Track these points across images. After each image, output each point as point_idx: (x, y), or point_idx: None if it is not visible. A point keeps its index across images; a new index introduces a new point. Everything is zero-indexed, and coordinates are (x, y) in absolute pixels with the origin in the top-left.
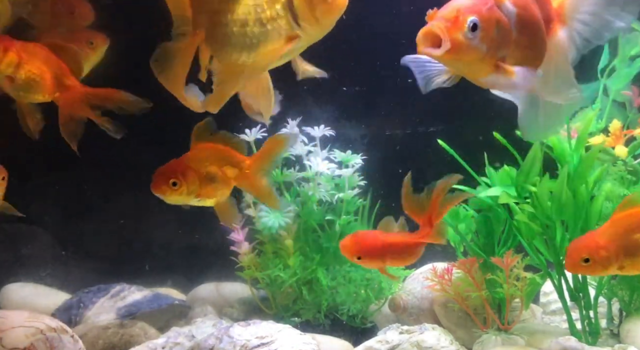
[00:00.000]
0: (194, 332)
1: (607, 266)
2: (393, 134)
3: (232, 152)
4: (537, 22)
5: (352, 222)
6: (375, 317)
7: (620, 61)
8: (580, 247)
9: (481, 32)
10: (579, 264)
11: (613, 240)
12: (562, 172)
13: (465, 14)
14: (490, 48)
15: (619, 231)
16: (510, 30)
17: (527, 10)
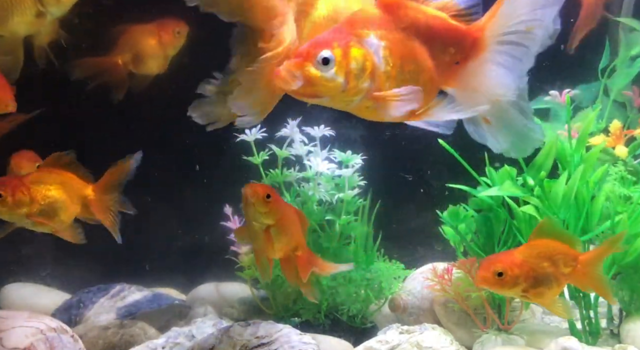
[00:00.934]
0: (194, 332)
1: (515, 285)
2: (393, 134)
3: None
4: (414, 53)
5: (352, 222)
6: (375, 317)
7: (621, 61)
8: (497, 261)
9: (335, 66)
10: (492, 277)
11: (526, 262)
12: (575, 173)
13: (317, 48)
14: (351, 81)
15: (532, 255)
16: (375, 63)
17: (400, 43)
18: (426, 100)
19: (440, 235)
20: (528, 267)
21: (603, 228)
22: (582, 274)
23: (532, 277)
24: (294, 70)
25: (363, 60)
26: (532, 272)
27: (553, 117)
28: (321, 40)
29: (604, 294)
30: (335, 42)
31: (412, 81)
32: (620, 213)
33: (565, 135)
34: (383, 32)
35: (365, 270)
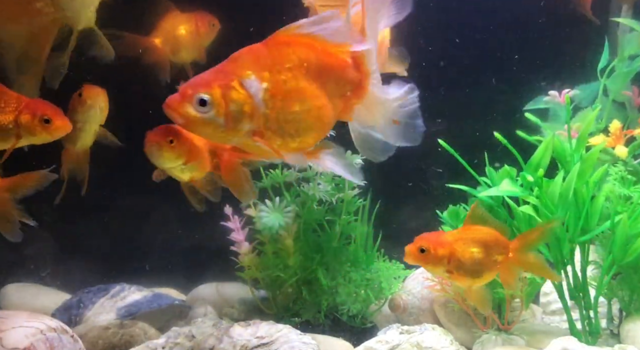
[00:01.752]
0: (194, 332)
1: (438, 264)
2: None
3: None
4: (301, 93)
5: (352, 222)
6: (375, 317)
7: (620, 61)
8: (425, 238)
9: (214, 107)
10: (416, 252)
11: (454, 244)
12: (572, 172)
13: (195, 89)
14: (229, 122)
15: (463, 239)
16: (255, 106)
17: (284, 84)
18: (319, 137)
19: None
20: (454, 249)
21: (603, 228)
22: (516, 260)
23: (457, 260)
24: (174, 110)
25: (242, 102)
26: (458, 255)
27: (552, 117)
28: (200, 80)
29: (545, 274)
30: (215, 83)
31: (296, 122)
32: (620, 213)
33: (565, 135)
34: (266, 74)
35: (365, 270)
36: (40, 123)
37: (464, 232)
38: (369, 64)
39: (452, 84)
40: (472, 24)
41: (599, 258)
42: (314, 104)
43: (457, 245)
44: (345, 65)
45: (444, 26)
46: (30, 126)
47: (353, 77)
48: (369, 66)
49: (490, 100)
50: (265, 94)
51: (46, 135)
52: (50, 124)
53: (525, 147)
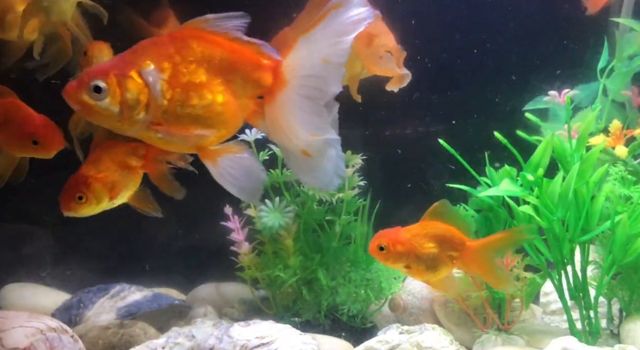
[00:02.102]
0: (194, 332)
1: (397, 260)
2: (393, 134)
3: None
4: (203, 87)
5: (352, 222)
6: (375, 317)
7: (619, 61)
8: (384, 235)
9: (109, 95)
10: (376, 250)
11: (411, 240)
12: (572, 172)
13: (92, 76)
14: (125, 111)
15: (420, 235)
16: (152, 95)
17: (184, 77)
18: (221, 135)
19: None
20: (411, 246)
21: (603, 228)
22: (469, 259)
23: (415, 255)
24: (70, 96)
25: (138, 92)
26: (415, 251)
27: (552, 118)
28: (98, 68)
29: (492, 283)
30: (112, 72)
31: (195, 116)
32: (620, 213)
33: (565, 135)
34: (167, 65)
35: (365, 270)
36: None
37: (421, 227)
38: (290, 73)
39: (452, 84)
40: (471, 23)
41: (599, 258)
42: (215, 99)
43: (415, 241)
44: (255, 67)
45: (444, 26)
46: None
47: (264, 81)
48: (290, 76)
49: (490, 100)
50: (163, 85)
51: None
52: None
53: (526, 147)
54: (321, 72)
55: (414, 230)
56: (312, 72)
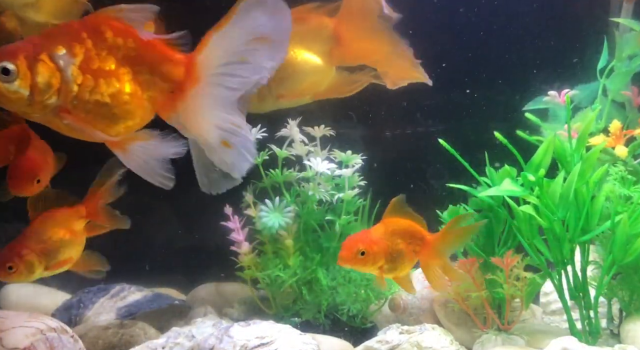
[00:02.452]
0: (194, 332)
1: (375, 262)
2: (393, 134)
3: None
4: (114, 77)
5: (352, 222)
6: (375, 317)
7: (619, 61)
8: (359, 240)
9: (19, 77)
10: (355, 256)
11: (383, 240)
12: (573, 172)
13: (0, 58)
14: (35, 94)
15: (388, 232)
16: (64, 79)
17: (96, 64)
18: (128, 126)
19: None
20: (385, 245)
21: (603, 228)
22: (428, 252)
23: (389, 254)
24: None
25: (50, 75)
26: (389, 249)
27: (552, 118)
28: (7, 49)
29: (448, 274)
30: (22, 54)
31: (103, 104)
32: (620, 213)
33: (565, 135)
34: (79, 50)
35: None
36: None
37: (385, 225)
38: (203, 70)
39: (452, 84)
40: (470, 23)
41: (599, 258)
42: (122, 88)
43: (386, 240)
44: (165, 60)
45: (443, 25)
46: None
47: (175, 75)
48: (203, 73)
49: (490, 100)
50: (74, 70)
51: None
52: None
53: (526, 147)
54: (236, 68)
55: (380, 230)
56: (227, 68)
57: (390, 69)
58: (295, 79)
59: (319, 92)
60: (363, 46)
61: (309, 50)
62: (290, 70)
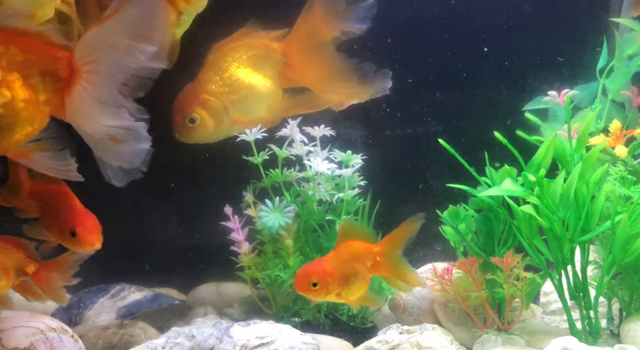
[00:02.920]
0: (194, 332)
1: (330, 291)
2: (393, 134)
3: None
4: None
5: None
6: (375, 317)
7: (618, 61)
8: (311, 272)
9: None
10: (308, 287)
11: (336, 269)
12: (573, 172)
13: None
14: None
15: (341, 260)
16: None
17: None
18: (27, 132)
19: (440, 235)
20: (338, 273)
21: (603, 228)
22: (382, 264)
23: (344, 281)
24: None
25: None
26: (343, 276)
27: (551, 118)
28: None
29: (405, 279)
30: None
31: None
32: (620, 213)
33: (565, 135)
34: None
35: None
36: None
37: (338, 253)
38: (84, 64)
39: (452, 84)
40: (470, 23)
41: (599, 258)
42: (16, 96)
43: (340, 268)
44: (51, 60)
45: (444, 25)
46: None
47: (61, 73)
48: (84, 67)
49: (490, 100)
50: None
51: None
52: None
53: (526, 147)
54: (114, 60)
55: (333, 258)
56: (104, 61)
57: (335, 94)
58: (251, 102)
59: (275, 114)
60: (309, 70)
61: (260, 74)
62: (245, 94)
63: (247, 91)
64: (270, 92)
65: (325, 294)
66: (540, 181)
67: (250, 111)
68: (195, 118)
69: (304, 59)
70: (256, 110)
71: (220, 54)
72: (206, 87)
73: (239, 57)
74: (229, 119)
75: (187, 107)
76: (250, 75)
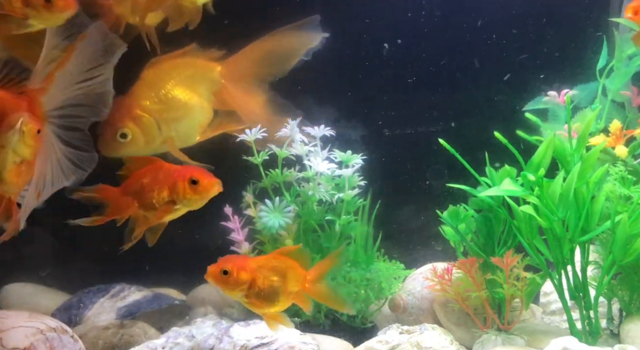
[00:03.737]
0: (194, 332)
1: (237, 288)
2: (393, 134)
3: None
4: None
5: (352, 222)
6: (375, 317)
7: (618, 61)
8: (229, 260)
9: None
10: (218, 273)
11: (257, 271)
12: (573, 172)
13: None
14: None
15: (267, 267)
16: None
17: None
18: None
19: (440, 235)
20: (256, 277)
21: (603, 228)
22: (312, 290)
23: (258, 287)
24: None
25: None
26: (259, 282)
27: (551, 118)
28: None
29: (336, 306)
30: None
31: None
32: (620, 213)
33: (565, 135)
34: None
35: (365, 270)
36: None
37: (267, 260)
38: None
39: (452, 84)
40: (471, 23)
41: (599, 258)
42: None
43: (259, 273)
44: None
45: (444, 25)
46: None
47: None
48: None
49: (490, 100)
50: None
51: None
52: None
53: (525, 147)
54: (79, 103)
55: (260, 262)
56: (69, 104)
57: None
58: (186, 123)
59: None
60: (241, 96)
61: (197, 94)
62: (181, 114)
63: (183, 111)
64: (205, 113)
65: (232, 288)
66: (539, 181)
67: (184, 132)
68: (126, 133)
69: (240, 84)
70: (190, 131)
71: (157, 70)
72: (140, 103)
73: (177, 74)
74: (161, 138)
75: (119, 122)
76: (187, 95)
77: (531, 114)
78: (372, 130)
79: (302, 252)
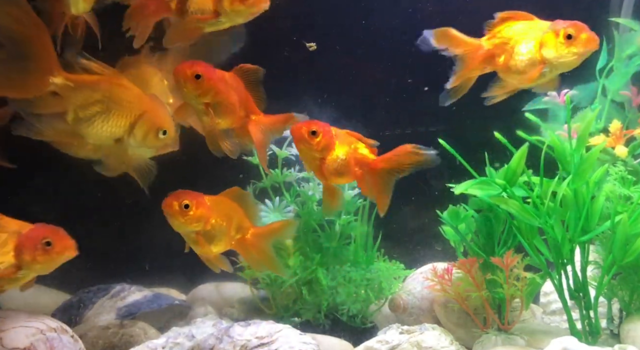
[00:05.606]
0: (194, 332)
1: (194, 222)
2: (393, 134)
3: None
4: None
5: (352, 222)
6: (375, 317)
7: (617, 61)
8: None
9: None
10: (178, 207)
11: (211, 209)
12: (573, 172)
13: None
14: None
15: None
16: None
17: None
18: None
19: (440, 235)
20: (211, 213)
21: (603, 228)
22: (251, 243)
23: (210, 224)
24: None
25: None
26: (210, 220)
27: (551, 118)
28: None
29: (270, 267)
30: None
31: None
32: (620, 213)
33: (565, 135)
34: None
35: (365, 270)
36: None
37: (219, 201)
38: None
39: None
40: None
41: (599, 258)
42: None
43: (214, 212)
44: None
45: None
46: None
47: None
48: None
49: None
50: None
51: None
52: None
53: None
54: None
55: (213, 200)
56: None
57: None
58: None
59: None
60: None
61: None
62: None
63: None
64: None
65: (188, 223)
66: (508, 190)
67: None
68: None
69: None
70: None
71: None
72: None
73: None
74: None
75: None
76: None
77: (531, 114)
78: (372, 130)
79: (245, 195)
